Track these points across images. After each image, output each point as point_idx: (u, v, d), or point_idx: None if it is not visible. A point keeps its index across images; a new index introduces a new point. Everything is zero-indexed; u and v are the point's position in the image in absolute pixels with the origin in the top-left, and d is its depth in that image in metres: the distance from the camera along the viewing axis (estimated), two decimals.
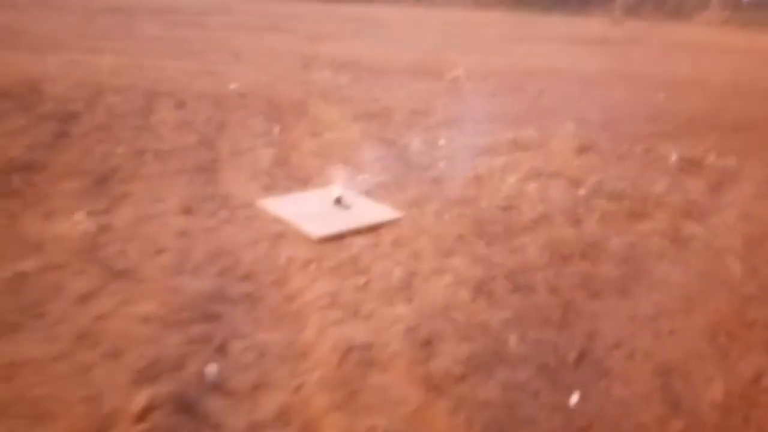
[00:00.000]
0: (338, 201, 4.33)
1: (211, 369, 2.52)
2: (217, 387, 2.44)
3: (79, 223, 3.84)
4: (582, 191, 4.81)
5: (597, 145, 6.19)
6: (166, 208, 4.14)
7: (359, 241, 3.79)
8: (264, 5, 23.64)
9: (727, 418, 2.38)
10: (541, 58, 13.06)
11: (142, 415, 2.25)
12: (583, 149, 5.97)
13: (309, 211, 4.19)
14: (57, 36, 12.02)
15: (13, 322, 2.78)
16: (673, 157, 5.73)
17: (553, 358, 2.71)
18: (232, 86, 8.11)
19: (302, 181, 4.88)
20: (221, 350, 2.65)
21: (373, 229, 3.99)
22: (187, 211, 4.12)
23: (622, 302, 3.23)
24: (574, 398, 2.45)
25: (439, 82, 9.61)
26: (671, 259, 3.77)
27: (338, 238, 3.82)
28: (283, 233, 3.86)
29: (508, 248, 3.79)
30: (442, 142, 6.13)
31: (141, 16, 17.15)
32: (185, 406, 2.32)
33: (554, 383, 2.54)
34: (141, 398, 2.31)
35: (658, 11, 37.88)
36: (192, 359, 2.55)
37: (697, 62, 13.47)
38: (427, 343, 2.71)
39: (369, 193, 4.60)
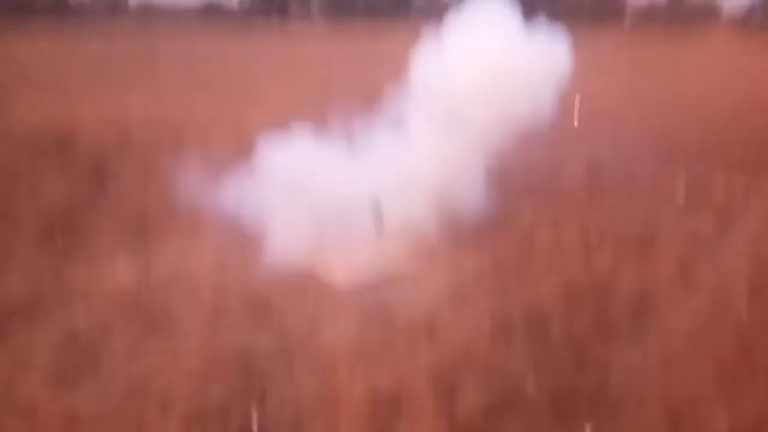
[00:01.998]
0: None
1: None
2: None
3: (121, 274, 4.11)
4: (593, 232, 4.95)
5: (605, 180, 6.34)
6: (202, 260, 4.39)
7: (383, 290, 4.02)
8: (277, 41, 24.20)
9: None
10: None
11: None
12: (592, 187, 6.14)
13: (335, 262, 4.42)
14: (83, 76, 12.49)
15: (70, 377, 3.04)
16: (681, 186, 5.85)
17: None
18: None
19: None
20: (260, 401, 2.88)
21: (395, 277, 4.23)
22: (221, 264, 4.36)
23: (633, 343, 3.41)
24: None
25: None
26: (680, 295, 3.93)
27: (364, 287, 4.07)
28: (312, 284, 4.11)
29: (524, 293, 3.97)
30: None
31: (162, 58, 17.71)
32: None
33: None
34: None
35: (668, 30, 38.04)
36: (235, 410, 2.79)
37: (706, 81, 13.57)
38: (451, 388, 2.91)
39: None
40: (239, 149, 6.44)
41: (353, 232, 4.80)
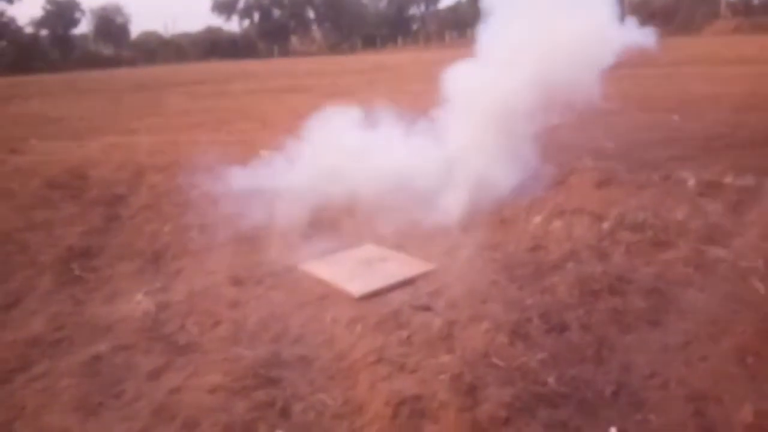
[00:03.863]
0: None
1: None
2: None
3: (140, 302, 4.18)
4: (605, 225, 4.98)
5: (615, 175, 6.36)
6: (216, 280, 4.46)
7: (398, 296, 4.04)
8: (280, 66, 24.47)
9: None
10: None
11: None
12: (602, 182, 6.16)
13: (347, 270, 4.47)
14: (92, 120, 12.74)
15: (95, 402, 3.09)
16: (691, 182, 5.88)
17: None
18: (263, 152, 8.53)
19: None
20: (284, 413, 2.91)
21: (409, 282, 4.24)
22: (236, 281, 4.44)
23: (652, 333, 3.40)
24: None
25: None
26: (697, 284, 3.92)
27: (377, 294, 4.09)
28: (326, 294, 4.14)
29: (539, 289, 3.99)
30: None
31: (167, 91, 18.04)
32: None
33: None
34: None
35: (667, 26, 38.16)
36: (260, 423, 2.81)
37: (710, 77, 13.59)
38: (472, 390, 2.92)
39: (401, 246, 4.87)
40: (248, 167, 6.60)
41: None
